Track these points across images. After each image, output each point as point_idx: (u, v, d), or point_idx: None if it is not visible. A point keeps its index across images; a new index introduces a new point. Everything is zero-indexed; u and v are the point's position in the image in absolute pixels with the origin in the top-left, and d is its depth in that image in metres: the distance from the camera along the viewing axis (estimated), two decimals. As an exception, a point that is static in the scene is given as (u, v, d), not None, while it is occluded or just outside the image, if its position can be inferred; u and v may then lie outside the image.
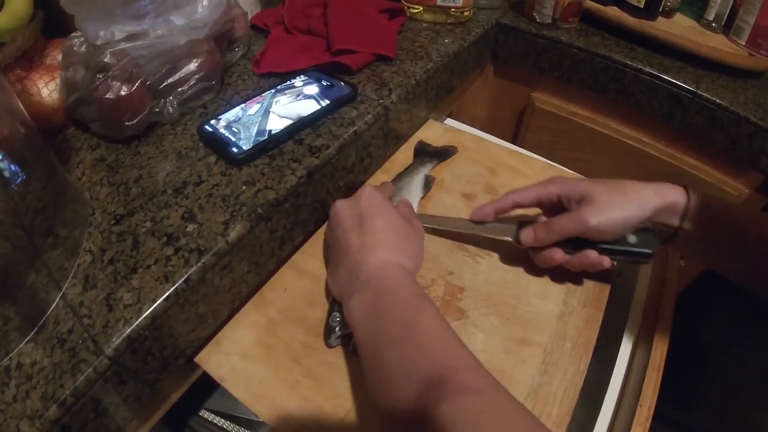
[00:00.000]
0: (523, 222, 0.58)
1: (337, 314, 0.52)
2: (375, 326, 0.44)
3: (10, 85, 0.58)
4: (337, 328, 0.51)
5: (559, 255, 0.55)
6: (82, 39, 0.58)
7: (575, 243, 0.54)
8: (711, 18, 0.90)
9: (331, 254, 0.55)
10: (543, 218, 0.58)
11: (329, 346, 0.52)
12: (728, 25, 0.89)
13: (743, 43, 0.85)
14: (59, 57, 0.63)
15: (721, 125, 0.80)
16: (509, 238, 0.58)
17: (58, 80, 0.61)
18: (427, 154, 0.75)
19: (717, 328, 0.92)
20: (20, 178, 0.43)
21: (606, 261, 0.54)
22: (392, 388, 0.40)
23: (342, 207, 0.55)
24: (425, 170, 0.71)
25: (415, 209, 0.65)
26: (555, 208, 0.58)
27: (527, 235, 0.56)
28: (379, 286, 0.47)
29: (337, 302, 0.52)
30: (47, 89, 0.60)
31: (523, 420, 0.36)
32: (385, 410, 0.40)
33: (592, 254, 0.54)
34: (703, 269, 0.99)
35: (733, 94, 0.80)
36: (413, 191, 0.68)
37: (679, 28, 0.89)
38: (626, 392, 0.55)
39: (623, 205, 0.52)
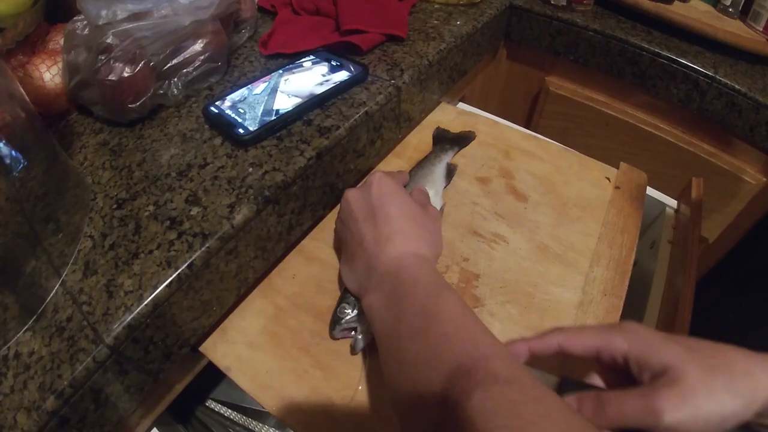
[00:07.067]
0: (566, 379, 0.43)
1: (346, 305, 0.50)
2: (395, 318, 0.42)
3: (12, 70, 0.57)
4: (343, 320, 0.50)
5: None
6: (84, 22, 0.56)
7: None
8: (728, 3, 0.89)
9: (344, 246, 0.53)
10: (597, 380, 0.42)
11: (333, 337, 0.51)
12: (745, 11, 0.88)
13: (761, 29, 0.84)
14: (62, 41, 0.62)
15: (739, 111, 0.79)
16: None
17: (60, 64, 0.60)
18: (447, 140, 0.73)
19: (737, 316, 0.89)
20: (21, 165, 0.42)
21: None
22: (415, 381, 0.37)
23: (353, 197, 0.52)
24: (447, 158, 0.69)
25: (440, 199, 0.64)
26: (619, 369, 0.41)
27: None
28: (398, 277, 0.44)
29: (348, 293, 0.51)
30: (49, 74, 0.59)
31: (566, 415, 0.31)
32: (407, 405, 0.38)
33: None
34: (722, 256, 0.97)
35: (751, 80, 0.79)
36: (436, 180, 0.65)
37: (695, 12, 0.88)
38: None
39: (725, 395, 0.35)
